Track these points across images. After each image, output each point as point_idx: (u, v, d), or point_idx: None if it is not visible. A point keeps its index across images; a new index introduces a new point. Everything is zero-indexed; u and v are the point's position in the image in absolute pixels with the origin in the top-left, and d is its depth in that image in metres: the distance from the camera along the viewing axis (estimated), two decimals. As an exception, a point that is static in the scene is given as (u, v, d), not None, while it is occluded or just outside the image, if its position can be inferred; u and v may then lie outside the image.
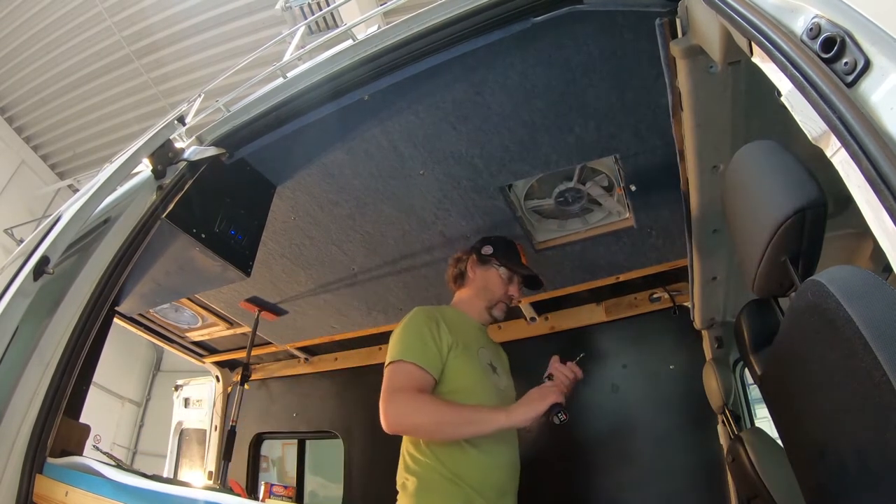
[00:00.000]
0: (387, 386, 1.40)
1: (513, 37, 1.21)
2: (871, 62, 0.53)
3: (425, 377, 1.41)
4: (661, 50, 1.09)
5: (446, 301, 1.66)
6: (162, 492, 1.07)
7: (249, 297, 2.45)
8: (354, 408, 2.93)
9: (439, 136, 1.56)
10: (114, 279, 1.32)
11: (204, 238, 1.57)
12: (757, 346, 0.98)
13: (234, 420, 2.61)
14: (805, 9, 0.62)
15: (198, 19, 5.14)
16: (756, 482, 1.47)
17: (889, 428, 0.48)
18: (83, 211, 1.26)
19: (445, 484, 1.35)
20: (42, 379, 1.16)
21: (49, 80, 5.93)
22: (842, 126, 0.53)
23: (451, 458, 1.38)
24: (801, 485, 0.79)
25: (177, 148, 1.52)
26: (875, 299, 0.51)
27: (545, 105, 1.44)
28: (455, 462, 1.37)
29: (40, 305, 1.20)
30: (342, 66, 1.33)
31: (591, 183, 1.77)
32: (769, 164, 0.72)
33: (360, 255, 2.12)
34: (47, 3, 5.27)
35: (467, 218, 1.89)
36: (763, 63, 0.69)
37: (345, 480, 2.83)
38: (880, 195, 0.49)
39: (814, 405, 0.67)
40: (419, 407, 1.36)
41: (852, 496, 0.60)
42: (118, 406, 8.27)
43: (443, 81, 1.39)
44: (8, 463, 1.08)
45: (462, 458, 1.38)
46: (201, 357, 3.14)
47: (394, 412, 1.36)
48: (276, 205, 1.82)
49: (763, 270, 0.73)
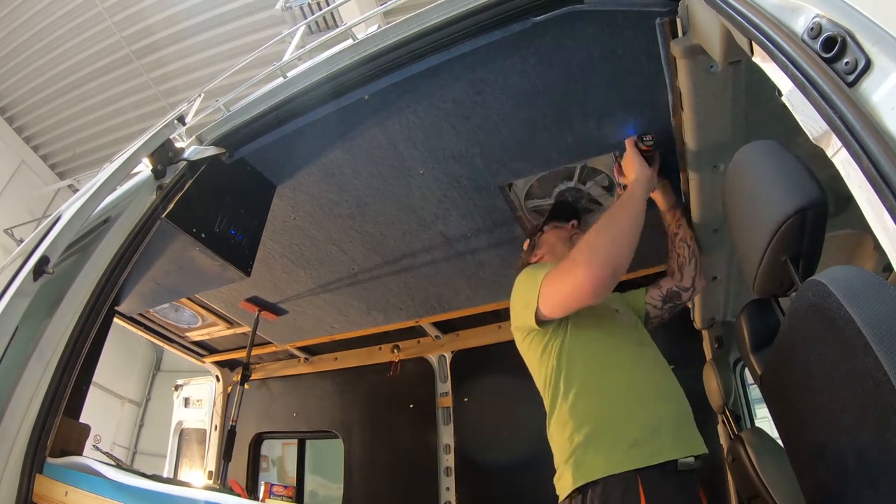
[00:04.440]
0: (556, 279, 1.22)
1: (513, 36, 1.21)
2: (872, 62, 0.53)
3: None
4: (662, 49, 1.09)
5: (447, 301, 1.65)
6: (162, 492, 1.07)
7: (249, 297, 2.45)
8: (354, 408, 2.93)
9: (439, 135, 1.56)
10: (114, 279, 1.32)
11: (204, 238, 1.57)
12: (757, 346, 0.98)
13: (234, 420, 2.61)
14: (806, 8, 0.62)
15: (198, 19, 5.13)
16: (756, 482, 1.47)
17: (889, 428, 0.48)
18: (83, 211, 1.26)
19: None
20: (42, 379, 1.16)
21: (49, 80, 5.93)
22: (843, 126, 0.53)
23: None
24: (802, 484, 0.79)
25: (177, 147, 1.53)
26: (876, 299, 0.51)
27: (545, 104, 1.44)
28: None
29: (40, 305, 1.20)
30: (342, 65, 1.33)
31: (591, 183, 1.77)
32: (770, 164, 0.72)
33: (360, 254, 2.12)
34: (47, 3, 5.27)
35: (467, 217, 1.89)
36: (764, 63, 0.69)
37: (345, 480, 2.83)
38: (881, 195, 0.49)
39: (814, 405, 0.67)
40: (590, 245, 1.21)
41: (853, 496, 0.60)
42: (118, 406, 8.27)
43: (443, 81, 1.39)
44: (8, 463, 1.08)
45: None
46: (201, 357, 3.15)
47: (586, 266, 1.17)
48: (276, 204, 1.82)
49: (763, 270, 0.72)
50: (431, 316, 2.54)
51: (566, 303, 1.24)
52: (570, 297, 1.22)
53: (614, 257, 1.20)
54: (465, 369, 2.73)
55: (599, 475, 1.11)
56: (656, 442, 1.15)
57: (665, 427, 1.18)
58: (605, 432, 1.18)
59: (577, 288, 1.19)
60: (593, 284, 1.16)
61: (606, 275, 1.17)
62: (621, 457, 1.12)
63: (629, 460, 1.11)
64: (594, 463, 1.14)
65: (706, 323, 2.07)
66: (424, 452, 2.66)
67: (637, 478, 1.08)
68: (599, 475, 1.11)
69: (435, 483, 2.58)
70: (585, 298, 1.20)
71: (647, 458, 1.11)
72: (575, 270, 1.19)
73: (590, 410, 1.22)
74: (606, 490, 1.10)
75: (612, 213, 1.30)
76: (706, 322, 2.06)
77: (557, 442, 1.24)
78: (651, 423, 1.18)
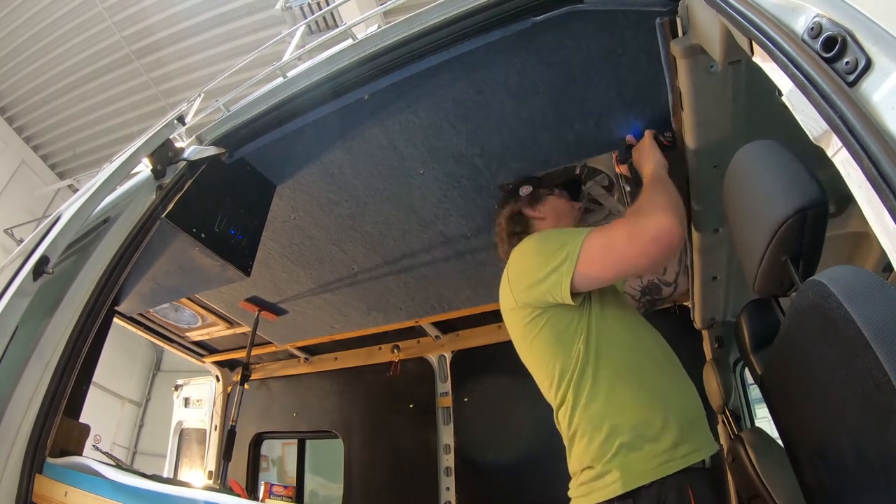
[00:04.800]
0: (611, 239, 1.10)
1: (513, 36, 1.21)
2: (873, 62, 0.53)
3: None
4: (662, 49, 1.09)
5: (447, 301, 1.63)
6: (162, 492, 1.07)
7: (249, 297, 2.45)
8: (354, 408, 2.93)
9: (439, 135, 1.56)
10: (113, 279, 1.32)
11: (204, 238, 1.57)
12: (757, 346, 0.98)
13: (234, 420, 2.61)
14: (806, 8, 0.62)
15: (198, 19, 5.13)
16: (756, 482, 1.47)
17: (889, 428, 0.48)
18: (83, 211, 1.26)
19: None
20: (42, 379, 1.16)
21: (49, 80, 5.92)
22: (843, 126, 0.53)
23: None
24: (802, 485, 0.79)
25: (177, 147, 1.52)
26: (876, 299, 0.51)
27: (545, 104, 1.44)
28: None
29: (40, 305, 1.20)
30: (342, 65, 1.33)
31: (591, 182, 1.77)
32: (770, 164, 0.72)
33: (360, 254, 2.11)
34: (47, 3, 5.27)
35: (467, 217, 1.89)
36: (764, 62, 0.69)
37: (345, 480, 2.83)
38: (881, 195, 0.49)
39: (814, 405, 0.67)
40: (643, 202, 1.10)
41: (853, 496, 0.60)
42: (118, 406, 8.27)
43: (443, 81, 1.39)
44: (8, 463, 1.08)
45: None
46: (201, 357, 3.15)
47: (650, 216, 1.05)
48: (276, 204, 1.82)
49: (764, 270, 0.72)
50: (431, 316, 2.54)
51: (628, 266, 1.11)
52: (632, 257, 1.08)
53: (680, 212, 1.08)
54: (465, 369, 2.72)
55: (652, 478, 1.04)
56: (694, 440, 1.09)
57: (696, 429, 1.13)
58: (649, 429, 1.08)
59: (645, 246, 1.04)
60: (667, 239, 1.03)
61: (678, 228, 1.03)
62: (669, 457, 1.06)
63: (677, 461, 1.05)
64: (644, 465, 1.05)
65: (706, 323, 2.07)
66: (424, 452, 2.66)
67: (686, 479, 1.04)
68: (652, 478, 1.04)
69: (435, 483, 2.58)
70: (672, 246, 1.04)
71: (689, 457, 1.06)
72: (650, 217, 1.05)
73: (630, 404, 1.11)
74: (662, 493, 1.03)
75: (651, 189, 1.16)
76: (706, 322, 2.06)
77: (589, 442, 1.11)
78: (688, 416, 1.12)
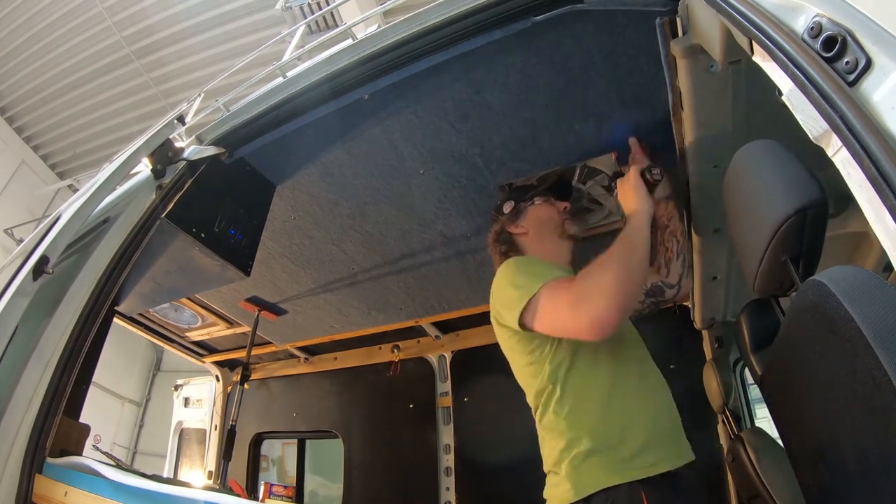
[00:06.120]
0: (556, 303, 1.14)
1: (513, 36, 1.21)
2: (873, 61, 0.53)
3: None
4: (662, 49, 1.09)
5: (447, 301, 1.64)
6: (162, 492, 1.07)
7: (249, 297, 2.45)
8: (354, 408, 2.93)
9: (439, 135, 1.56)
10: (113, 279, 1.32)
11: (203, 237, 1.57)
12: (757, 346, 0.98)
13: (234, 420, 2.61)
14: (806, 8, 0.62)
15: (198, 19, 5.13)
16: (756, 482, 1.47)
17: (890, 428, 0.48)
18: (83, 211, 1.26)
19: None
20: (41, 379, 1.16)
21: (49, 80, 5.93)
22: (843, 125, 0.53)
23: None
24: (802, 485, 0.79)
25: (176, 147, 1.53)
26: (876, 299, 0.51)
27: (545, 103, 1.44)
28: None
29: (40, 305, 1.20)
30: (342, 65, 1.33)
31: (591, 182, 1.77)
32: (770, 164, 0.72)
33: (360, 254, 2.11)
34: (47, 3, 5.27)
35: (467, 217, 1.89)
36: (764, 62, 0.69)
37: (345, 480, 2.83)
38: (882, 194, 0.49)
39: (814, 405, 0.67)
40: (596, 276, 1.13)
41: (853, 496, 0.60)
42: (118, 406, 8.27)
43: (443, 81, 1.39)
44: (7, 463, 1.08)
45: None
46: (201, 357, 3.15)
47: (593, 301, 1.09)
48: (276, 204, 1.82)
49: (764, 270, 0.72)
50: (431, 316, 2.54)
51: (562, 334, 1.19)
52: (567, 331, 1.16)
53: (624, 301, 1.12)
54: (465, 369, 2.72)
55: (602, 485, 1.10)
56: (662, 450, 1.15)
57: (664, 440, 1.18)
58: (605, 443, 1.15)
59: (580, 328, 1.12)
60: (600, 330, 1.09)
61: (616, 319, 1.09)
62: (626, 466, 1.11)
63: (635, 470, 1.10)
64: (596, 474, 1.11)
65: (706, 323, 2.07)
66: (424, 452, 2.66)
67: (640, 487, 1.08)
68: (602, 485, 1.10)
69: (435, 483, 2.58)
70: (607, 333, 1.11)
71: (648, 469, 1.11)
72: (593, 302, 1.10)
73: (588, 421, 1.18)
74: (610, 500, 1.08)
75: (618, 249, 1.21)
76: (706, 322, 2.06)
77: (552, 449, 1.20)
78: (651, 436, 1.17)
